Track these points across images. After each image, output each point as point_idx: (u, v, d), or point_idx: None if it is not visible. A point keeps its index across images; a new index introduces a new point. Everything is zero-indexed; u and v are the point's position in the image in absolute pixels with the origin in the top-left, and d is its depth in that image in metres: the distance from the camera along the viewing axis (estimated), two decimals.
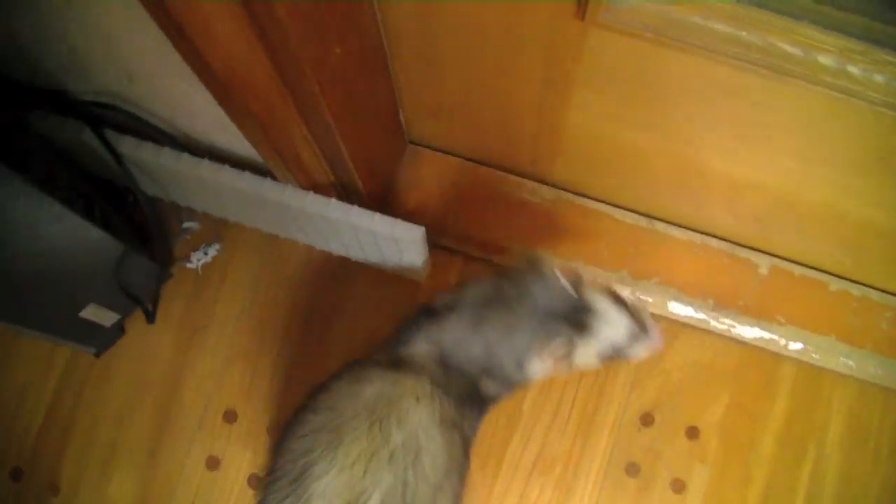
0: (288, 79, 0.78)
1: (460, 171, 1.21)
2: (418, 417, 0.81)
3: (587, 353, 0.87)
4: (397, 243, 1.03)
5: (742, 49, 0.75)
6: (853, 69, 0.71)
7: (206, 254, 1.24)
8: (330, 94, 0.82)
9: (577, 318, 0.85)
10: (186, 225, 1.26)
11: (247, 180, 1.02)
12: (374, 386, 0.83)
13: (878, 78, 0.70)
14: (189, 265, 1.24)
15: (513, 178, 1.20)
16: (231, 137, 0.98)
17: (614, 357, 0.88)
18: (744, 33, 0.74)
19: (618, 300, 0.87)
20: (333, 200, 1.00)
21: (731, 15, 0.74)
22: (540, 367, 0.87)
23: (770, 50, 0.74)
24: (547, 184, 1.20)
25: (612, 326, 0.86)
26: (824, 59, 0.71)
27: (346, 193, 1.08)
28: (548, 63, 0.86)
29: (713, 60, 0.76)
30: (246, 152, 1.01)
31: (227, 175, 1.02)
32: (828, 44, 0.71)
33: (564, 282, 0.85)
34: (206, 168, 1.03)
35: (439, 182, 1.20)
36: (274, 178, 1.02)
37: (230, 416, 1.19)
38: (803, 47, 0.73)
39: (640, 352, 0.88)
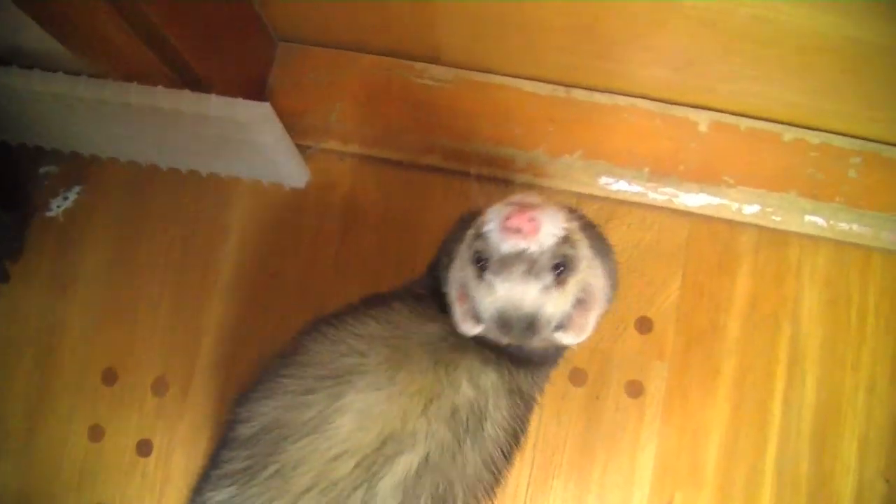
0: None
1: (340, 63, 1.05)
2: (489, 380, 0.69)
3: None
4: (248, 131, 0.86)
5: None
6: None
7: (66, 198, 1.09)
8: None
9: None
10: (43, 170, 1.10)
11: (66, 82, 0.86)
12: (439, 325, 0.70)
13: None
14: (49, 213, 1.08)
15: (401, 62, 1.04)
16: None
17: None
18: None
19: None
20: (160, 88, 0.84)
21: None
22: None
23: None
24: (441, 64, 1.03)
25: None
26: None
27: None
28: None
29: None
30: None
31: (62, 82, 0.86)
32: None
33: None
34: (25, 77, 0.87)
35: (316, 79, 1.04)
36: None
37: (110, 377, 1.03)
38: None
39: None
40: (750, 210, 1.00)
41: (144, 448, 1.02)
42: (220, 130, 0.87)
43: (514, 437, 0.72)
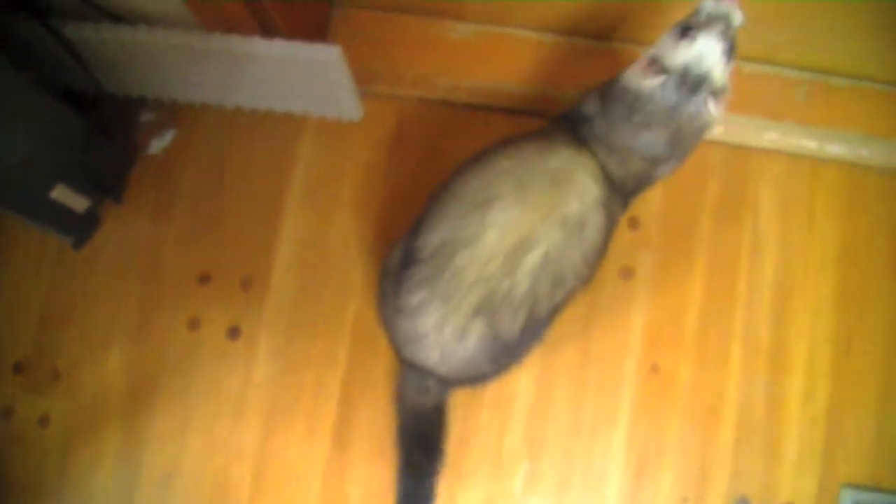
0: None
1: (384, 23, 1.30)
2: (592, 196, 0.92)
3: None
4: (320, 71, 1.11)
5: None
6: None
7: (164, 139, 1.33)
8: None
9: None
10: (143, 118, 1.35)
11: (177, 36, 1.11)
12: (561, 157, 0.93)
13: None
14: (151, 151, 1.33)
15: (433, 21, 1.28)
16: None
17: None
18: None
19: None
20: (256, 38, 1.09)
21: None
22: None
23: None
24: (466, 21, 1.28)
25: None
26: None
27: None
28: None
29: None
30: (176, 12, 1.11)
31: (160, 35, 1.12)
32: None
33: None
34: (140, 32, 1.12)
35: (367, 36, 1.29)
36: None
37: (204, 279, 1.28)
38: None
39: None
40: (717, 131, 1.23)
41: (234, 333, 1.26)
42: (299, 71, 1.11)
43: (604, 241, 0.96)
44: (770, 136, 1.22)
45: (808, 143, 1.22)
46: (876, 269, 1.21)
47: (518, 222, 0.90)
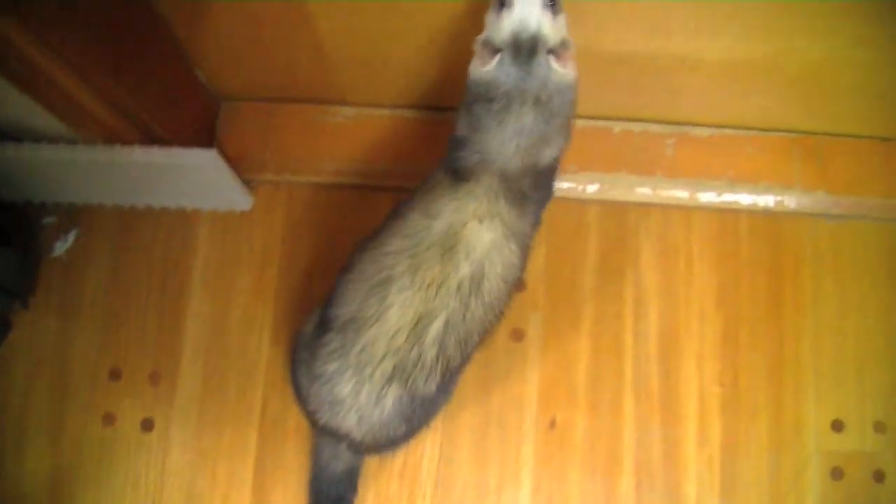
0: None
1: (269, 113, 1.35)
2: (482, 241, 0.93)
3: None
4: (203, 171, 1.16)
5: None
6: None
7: (66, 241, 1.37)
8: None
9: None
10: (45, 221, 1.39)
11: (62, 150, 1.16)
12: (442, 219, 0.94)
13: None
14: (55, 254, 1.37)
15: (314, 107, 1.34)
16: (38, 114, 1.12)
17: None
18: None
19: None
20: (136, 147, 1.14)
21: None
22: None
23: None
24: (348, 104, 1.33)
25: None
26: None
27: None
28: None
29: None
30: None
31: (45, 150, 1.16)
32: None
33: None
34: (27, 148, 1.17)
35: (253, 126, 1.34)
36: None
37: (115, 375, 1.31)
38: None
39: None
40: (592, 189, 1.29)
41: (147, 425, 1.29)
42: (182, 174, 1.16)
43: (507, 282, 0.97)
44: (642, 191, 1.28)
45: (679, 194, 1.29)
46: (754, 309, 1.27)
47: (414, 300, 0.94)
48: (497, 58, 0.89)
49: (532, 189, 0.98)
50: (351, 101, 1.33)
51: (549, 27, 0.89)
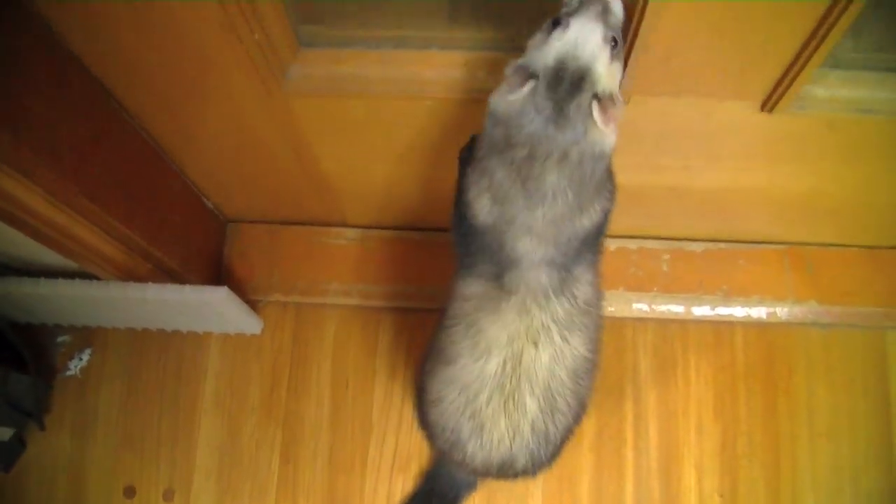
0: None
1: (275, 235, 1.39)
2: (541, 365, 0.83)
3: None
4: (214, 307, 1.20)
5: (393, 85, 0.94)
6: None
7: (80, 360, 1.41)
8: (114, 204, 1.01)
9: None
10: (60, 339, 1.43)
11: (77, 286, 1.20)
12: (494, 359, 0.83)
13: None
14: (69, 373, 1.41)
15: (319, 229, 1.38)
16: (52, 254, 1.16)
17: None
18: (392, 71, 0.93)
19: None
20: (149, 284, 1.18)
21: (378, 59, 0.93)
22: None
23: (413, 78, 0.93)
24: (349, 226, 1.38)
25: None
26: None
27: (173, 278, 1.26)
28: (278, 131, 1.05)
29: (381, 98, 0.95)
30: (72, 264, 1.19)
31: (61, 286, 1.20)
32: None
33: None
34: (43, 284, 1.21)
35: (259, 248, 1.39)
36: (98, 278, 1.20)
37: (129, 492, 1.35)
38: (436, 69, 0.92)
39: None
40: None
41: None
42: (194, 307, 1.20)
43: (582, 378, 0.89)
44: (639, 307, 1.33)
45: (675, 308, 1.33)
46: (751, 418, 1.31)
47: (491, 457, 0.90)
48: (530, 84, 0.71)
49: (576, 261, 0.82)
50: (353, 224, 1.37)
51: (603, 65, 0.71)
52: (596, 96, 0.71)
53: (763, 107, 0.94)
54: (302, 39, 0.92)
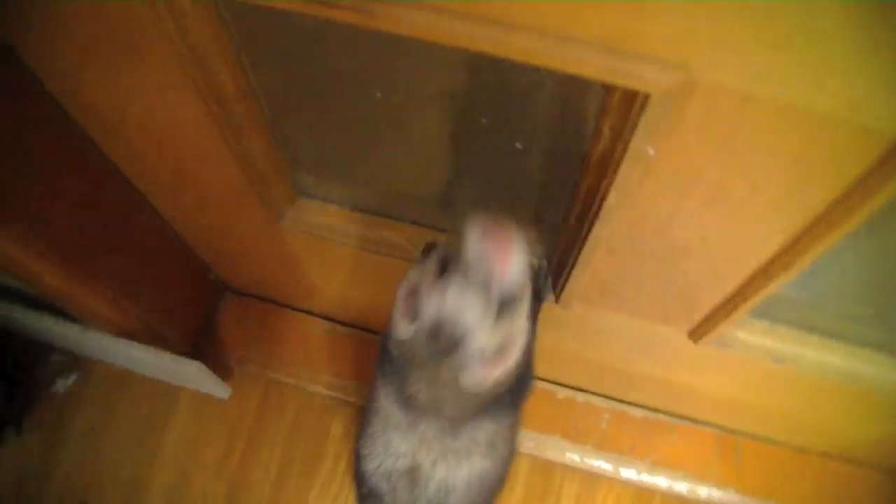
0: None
1: (263, 312, 1.53)
2: (437, 478, 0.87)
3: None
4: (189, 373, 1.34)
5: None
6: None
7: (67, 379, 1.55)
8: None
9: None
10: (54, 357, 1.58)
11: (75, 330, 1.35)
12: (402, 459, 0.88)
13: None
14: (55, 388, 1.55)
15: (305, 315, 1.51)
16: None
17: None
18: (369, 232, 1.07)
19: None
20: (135, 344, 1.32)
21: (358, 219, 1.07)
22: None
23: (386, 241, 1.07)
24: (328, 319, 1.51)
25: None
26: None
27: (161, 337, 1.40)
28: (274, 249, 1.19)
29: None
30: None
31: (61, 326, 1.35)
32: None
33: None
34: (46, 320, 1.36)
35: (247, 320, 1.52)
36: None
37: None
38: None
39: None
40: (528, 444, 1.44)
41: None
42: (171, 368, 1.34)
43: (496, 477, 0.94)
44: (572, 456, 1.43)
45: (604, 466, 1.43)
46: None
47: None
48: (412, 328, 0.72)
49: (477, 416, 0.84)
50: (336, 318, 1.50)
51: (485, 328, 0.68)
52: (474, 355, 0.70)
53: (690, 336, 1.05)
54: (299, 188, 1.07)
